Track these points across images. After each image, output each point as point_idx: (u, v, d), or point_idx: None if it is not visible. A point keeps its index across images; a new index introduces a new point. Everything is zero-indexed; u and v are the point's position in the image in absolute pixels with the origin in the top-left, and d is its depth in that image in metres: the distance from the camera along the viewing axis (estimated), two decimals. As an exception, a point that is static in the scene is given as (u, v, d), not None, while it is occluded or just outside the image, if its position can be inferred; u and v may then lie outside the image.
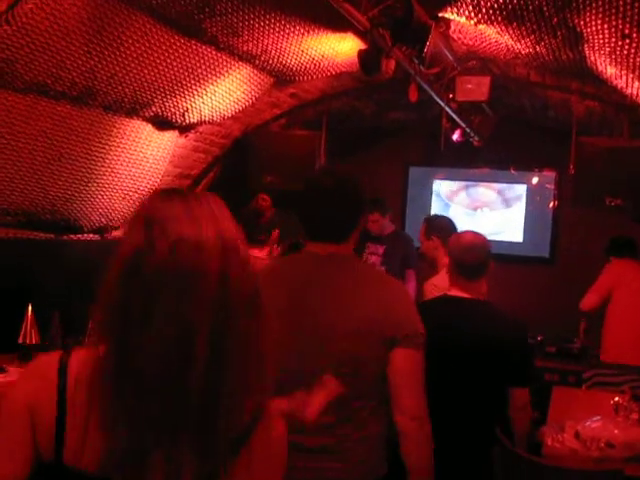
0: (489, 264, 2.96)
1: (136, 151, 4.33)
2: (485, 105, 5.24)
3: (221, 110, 4.50)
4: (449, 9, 3.56)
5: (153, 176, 4.65)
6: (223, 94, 4.32)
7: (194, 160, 5.15)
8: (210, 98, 4.26)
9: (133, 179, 4.48)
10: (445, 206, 7.16)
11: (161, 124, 4.33)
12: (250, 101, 4.65)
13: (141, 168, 4.48)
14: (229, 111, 4.59)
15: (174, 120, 4.31)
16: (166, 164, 4.74)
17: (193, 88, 4.03)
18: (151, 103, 3.96)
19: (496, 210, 7.10)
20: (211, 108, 4.39)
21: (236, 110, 4.65)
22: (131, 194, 4.56)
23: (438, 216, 4.78)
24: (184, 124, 4.44)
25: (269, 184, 4.99)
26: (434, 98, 4.59)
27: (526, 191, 7.00)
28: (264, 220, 3.71)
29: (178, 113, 4.24)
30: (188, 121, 4.40)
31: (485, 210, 7.13)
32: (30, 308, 3.58)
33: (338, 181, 2.09)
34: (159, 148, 4.52)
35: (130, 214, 4.62)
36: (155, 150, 4.49)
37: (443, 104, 4.75)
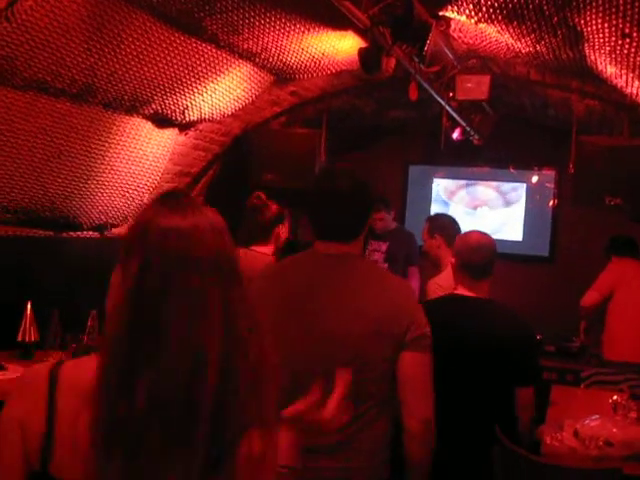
0: (495, 264, 2.96)
1: (136, 149, 4.33)
2: (485, 104, 5.24)
3: (221, 108, 4.50)
4: (449, 8, 3.56)
5: (153, 174, 4.65)
6: (223, 92, 4.32)
7: (194, 158, 5.14)
8: (210, 96, 4.26)
9: (133, 177, 4.48)
10: (445, 205, 7.15)
11: (161, 122, 4.32)
12: (250, 99, 4.65)
13: (141, 166, 4.48)
14: (229, 109, 4.59)
15: (174, 118, 4.31)
16: (166, 162, 4.73)
17: (193, 86, 4.03)
18: (151, 101, 3.96)
19: (496, 209, 7.10)
20: (211, 106, 4.39)
21: (236, 108, 4.65)
22: (131, 192, 4.56)
23: (441, 215, 4.74)
24: (184, 122, 4.44)
25: (269, 182, 4.98)
26: (434, 97, 4.58)
27: (526, 190, 6.99)
28: (263, 217, 3.70)
29: (178, 111, 4.23)
30: (188, 119, 4.40)
31: (485, 209, 7.13)
32: (29, 305, 3.58)
33: (354, 184, 2.11)
34: (159, 146, 4.52)
35: (130, 212, 4.62)
36: (155, 148, 4.49)
37: (443, 103, 4.74)
